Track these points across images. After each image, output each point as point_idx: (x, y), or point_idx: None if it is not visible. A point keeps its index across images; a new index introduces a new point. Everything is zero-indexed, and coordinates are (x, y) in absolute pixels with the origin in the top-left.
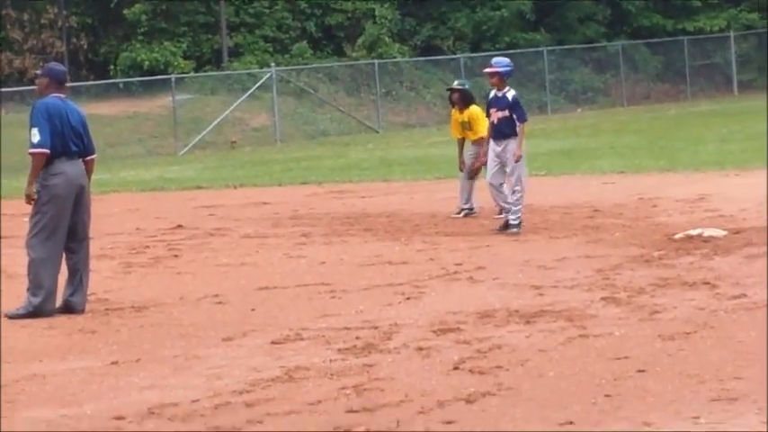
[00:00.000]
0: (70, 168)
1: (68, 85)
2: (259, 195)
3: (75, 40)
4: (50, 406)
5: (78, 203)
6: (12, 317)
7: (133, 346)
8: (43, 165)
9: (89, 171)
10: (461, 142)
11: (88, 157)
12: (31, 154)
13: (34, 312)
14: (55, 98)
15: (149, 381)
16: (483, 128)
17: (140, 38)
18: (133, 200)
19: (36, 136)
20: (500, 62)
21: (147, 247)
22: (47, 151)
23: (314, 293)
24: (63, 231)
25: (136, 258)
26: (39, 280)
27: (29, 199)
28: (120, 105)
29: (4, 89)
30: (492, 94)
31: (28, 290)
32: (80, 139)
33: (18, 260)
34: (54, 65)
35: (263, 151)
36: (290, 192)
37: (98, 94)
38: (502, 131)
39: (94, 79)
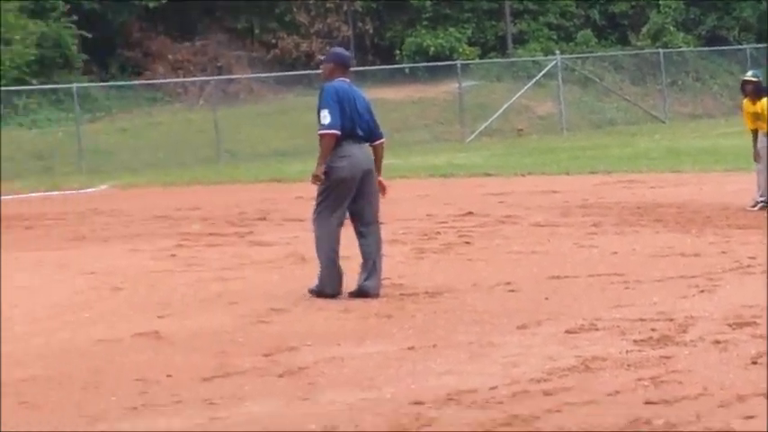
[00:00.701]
0: (358, 151)
1: (354, 69)
2: (547, 184)
3: (360, 24)
4: (350, 389)
5: (363, 187)
6: (311, 292)
7: (428, 331)
8: (333, 145)
9: (378, 155)
10: (755, 133)
11: (377, 142)
12: (320, 135)
13: (319, 292)
14: (341, 82)
15: (446, 366)
16: None
17: (425, 23)
18: (422, 186)
19: (326, 117)
20: None
21: (439, 233)
22: (337, 132)
23: (606, 284)
24: (342, 213)
25: (428, 244)
26: (320, 258)
27: (316, 179)
28: (406, 90)
29: (292, 72)
30: None
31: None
32: (366, 124)
33: (310, 244)
34: (339, 50)
35: (550, 139)
36: (579, 181)
37: (384, 78)
38: None
39: (380, 64)
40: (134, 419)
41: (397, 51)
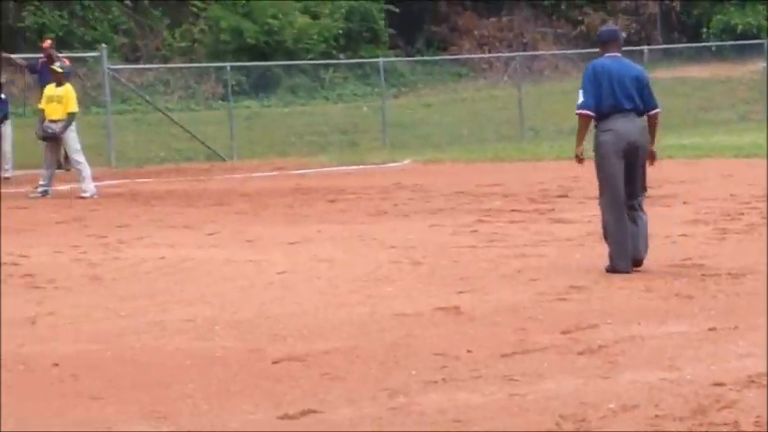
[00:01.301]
0: (621, 125)
1: (659, 47)
2: None
3: (667, 1)
4: (650, 368)
5: (630, 161)
6: (607, 270)
7: (730, 312)
8: (588, 125)
9: (652, 126)
10: None
11: (651, 112)
12: (577, 115)
13: (612, 269)
14: (606, 58)
15: (747, 349)
16: None
17: (734, 1)
18: (726, 165)
19: (580, 98)
20: None
21: (742, 213)
22: (587, 112)
23: None
24: (619, 188)
25: (731, 224)
26: (608, 237)
27: (578, 159)
28: (712, 69)
29: (597, 49)
30: None
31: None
32: (632, 95)
33: None
34: (602, 28)
35: None
36: None
37: (690, 56)
38: None
39: (686, 41)
40: (434, 394)
41: (704, 29)
